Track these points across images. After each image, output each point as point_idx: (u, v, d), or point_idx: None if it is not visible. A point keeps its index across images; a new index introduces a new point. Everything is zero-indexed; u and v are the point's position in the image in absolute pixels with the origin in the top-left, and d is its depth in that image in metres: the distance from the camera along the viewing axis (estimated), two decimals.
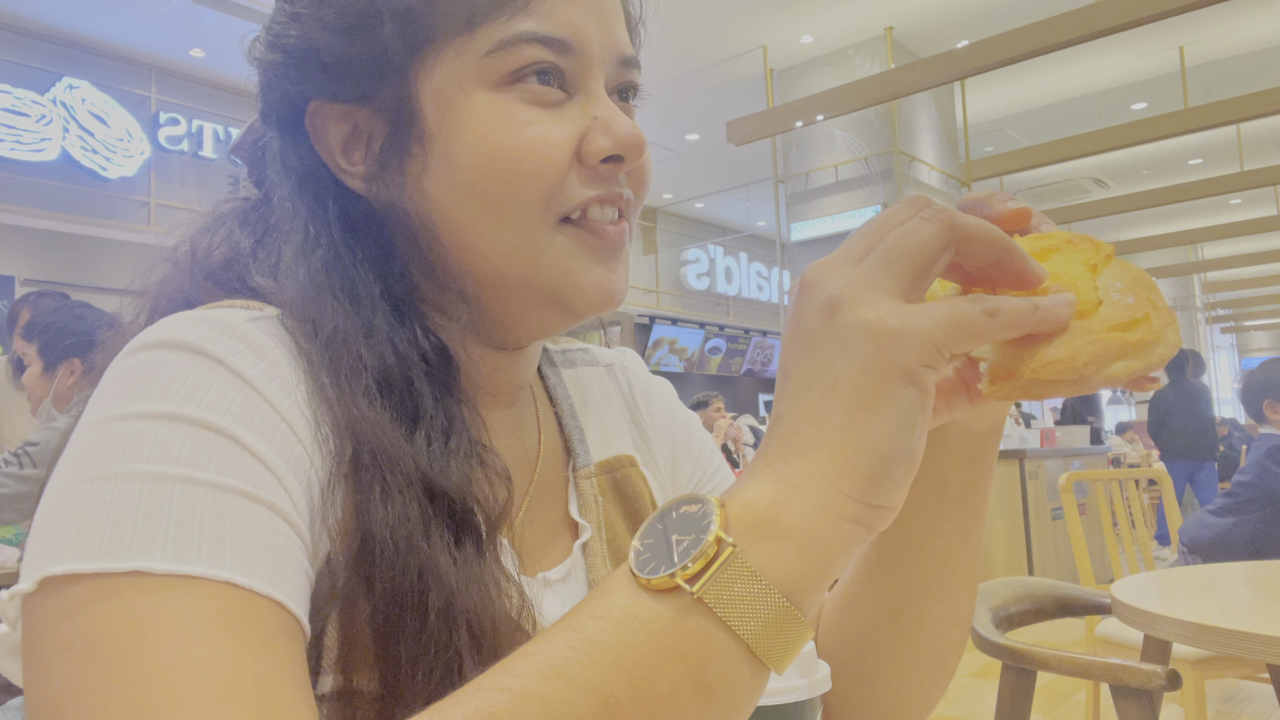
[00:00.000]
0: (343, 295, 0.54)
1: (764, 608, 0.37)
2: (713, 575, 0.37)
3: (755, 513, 0.39)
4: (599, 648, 0.37)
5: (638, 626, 0.37)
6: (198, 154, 7.96)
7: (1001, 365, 0.43)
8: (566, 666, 0.37)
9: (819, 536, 0.39)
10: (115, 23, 7.21)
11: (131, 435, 0.43)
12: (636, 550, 0.40)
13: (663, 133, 9.61)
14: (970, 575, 0.61)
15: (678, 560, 0.38)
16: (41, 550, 0.40)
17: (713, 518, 0.38)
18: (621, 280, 0.58)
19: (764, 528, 0.38)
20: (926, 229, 0.40)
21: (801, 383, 0.41)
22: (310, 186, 0.58)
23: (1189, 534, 3.18)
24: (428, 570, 0.48)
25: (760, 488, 0.39)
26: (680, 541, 0.39)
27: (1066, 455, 6.52)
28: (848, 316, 0.40)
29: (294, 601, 0.42)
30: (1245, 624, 1.37)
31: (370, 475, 0.48)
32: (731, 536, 0.38)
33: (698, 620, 0.37)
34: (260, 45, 0.59)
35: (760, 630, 0.37)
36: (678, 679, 0.37)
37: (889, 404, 0.39)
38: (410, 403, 0.53)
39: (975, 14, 7.73)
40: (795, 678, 0.45)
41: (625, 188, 0.58)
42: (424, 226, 0.55)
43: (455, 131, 0.54)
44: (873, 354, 0.39)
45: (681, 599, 0.37)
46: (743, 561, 0.38)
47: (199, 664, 0.37)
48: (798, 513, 0.38)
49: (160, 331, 0.47)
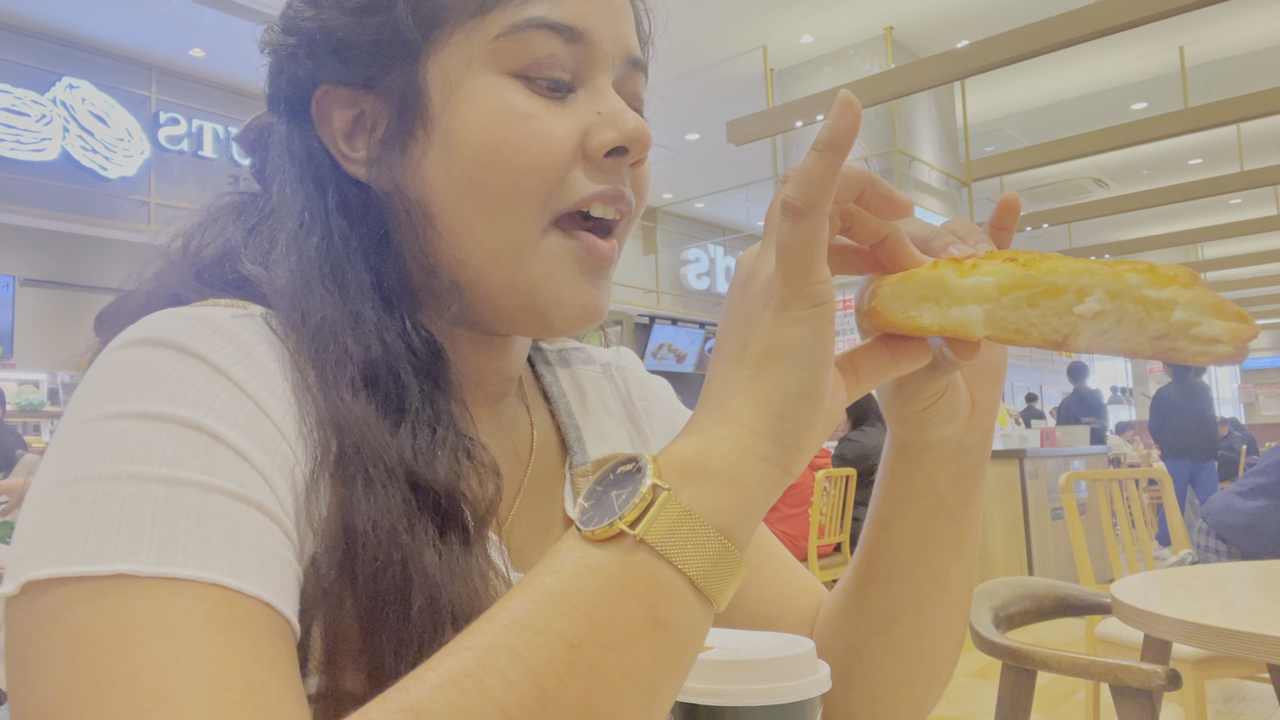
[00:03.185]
0: (332, 285, 0.54)
1: (701, 543, 0.41)
2: (651, 518, 0.41)
3: (684, 460, 0.43)
4: (557, 598, 0.40)
5: (590, 574, 0.41)
6: (198, 154, 7.95)
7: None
8: (530, 618, 0.39)
9: (740, 475, 0.43)
10: (115, 22, 7.20)
11: (114, 435, 0.42)
12: (581, 509, 0.44)
13: (663, 132, 9.60)
14: (963, 590, 0.61)
15: (618, 510, 0.41)
16: (24, 553, 0.40)
17: (647, 470, 0.42)
18: (604, 299, 0.58)
19: (692, 472, 0.42)
20: (778, 197, 0.44)
21: (723, 351, 0.46)
22: (311, 172, 0.58)
23: (1216, 518, 3.03)
24: (411, 563, 0.48)
25: (687, 440, 0.44)
26: (619, 495, 0.42)
27: (1066, 455, 6.52)
28: (753, 285, 0.45)
29: (283, 601, 0.42)
30: (1245, 624, 1.37)
31: (353, 468, 0.48)
32: (665, 483, 0.42)
33: (643, 560, 0.41)
34: (274, 30, 0.59)
35: (700, 564, 0.41)
36: (631, 615, 0.40)
37: (787, 350, 0.43)
38: (396, 395, 0.52)
39: (975, 14, 7.73)
40: (795, 677, 0.45)
41: (628, 186, 0.57)
42: (421, 212, 0.55)
43: (458, 115, 0.53)
44: (763, 307, 0.44)
45: (626, 543, 0.41)
46: (677, 503, 0.41)
47: (190, 665, 0.37)
48: (719, 456, 0.43)
49: (142, 329, 0.47)
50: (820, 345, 0.43)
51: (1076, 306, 0.44)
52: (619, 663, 0.40)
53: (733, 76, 8.75)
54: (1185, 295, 0.42)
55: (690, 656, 0.43)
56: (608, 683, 0.39)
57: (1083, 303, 0.44)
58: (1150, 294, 0.42)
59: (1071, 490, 2.99)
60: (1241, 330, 0.41)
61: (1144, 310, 0.43)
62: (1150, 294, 0.42)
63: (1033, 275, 0.44)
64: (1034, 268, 0.44)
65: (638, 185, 0.59)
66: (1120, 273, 0.43)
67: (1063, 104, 9.83)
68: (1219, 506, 3.07)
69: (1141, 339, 0.43)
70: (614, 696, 0.39)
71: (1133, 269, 0.43)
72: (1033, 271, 0.44)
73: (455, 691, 0.37)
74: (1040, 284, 0.44)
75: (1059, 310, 0.44)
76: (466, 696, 0.37)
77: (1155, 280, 0.42)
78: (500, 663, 0.38)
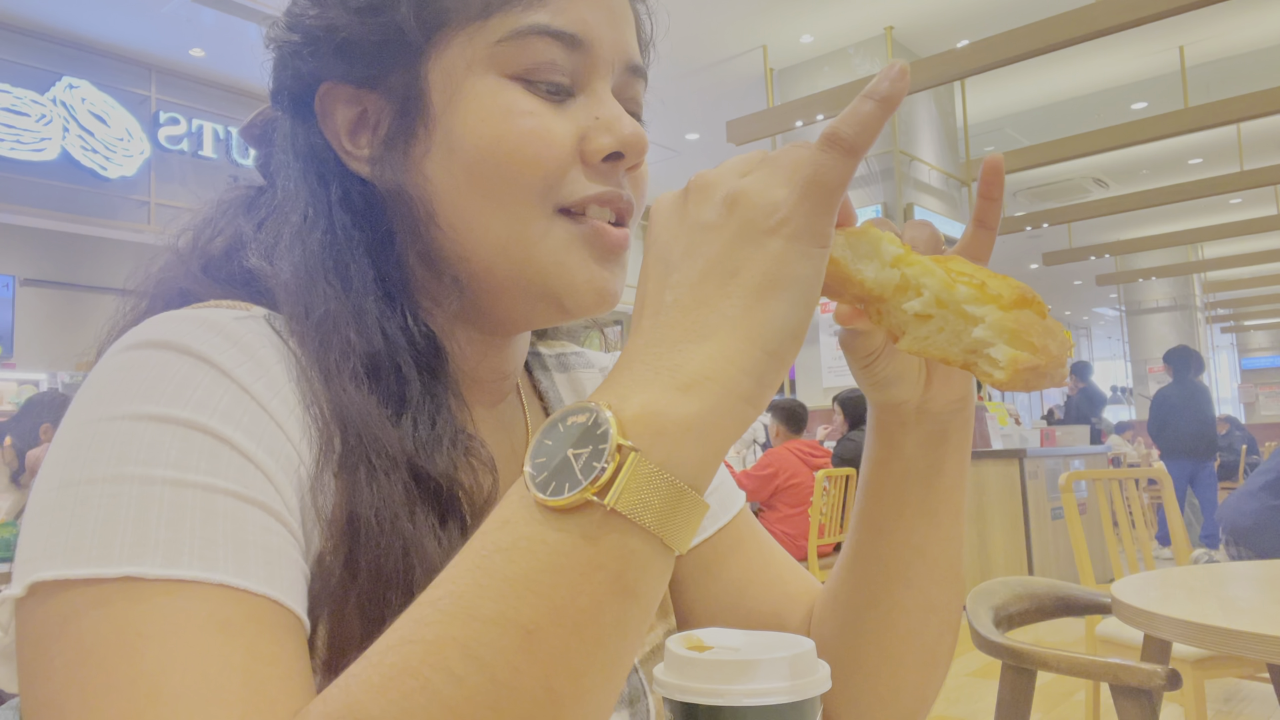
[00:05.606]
0: (335, 279, 0.54)
1: (673, 500, 0.38)
2: (621, 483, 0.37)
3: (653, 411, 0.39)
4: (509, 581, 0.37)
5: (548, 550, 0.37)
6: (198, 153, 7.94)
7: None
8: (479, 605, 0.37)
9: (719, 421, 0.40)
10: (115, 22, 7.20)
11: (118, 437, 0.42)
12: (530, 473, 0.39)
13: (663, 132, 9.59)
14: (944, 561, 0.60)
15: (582, 476, 0.37)
16: (31, 554, 0.40)
17: (608, 425, 0.38)
18: (617, 282, 0.58)
19: (664, 426, 0.39)
20: (815, 143, 0.42)
21: (694, 272, 0.42)
22: (314, 168, 0.58)
23: (1229, 521, 3.00)
24: (413, 549, 0.48)
25: (653, 386, 0.40)
26: (579, 455, 0.38)
27: (1066, 455, 6.52)
28: (748, 207, 0.42)
29: (291, 598, 0.42)
30: (1245, 623, 1.37)
31: (356, 457, 0.48)
32: (631, 440, 0.38)
33: (612, 529, 0.37)
34: (279, 26, 0.60)
35: (671, 522, 0.38)
36: (597, 590, 0.37)
37: (791, 283, 0.41)
38: (397, 388, 0.53)
39: (975, 13, 7.72)
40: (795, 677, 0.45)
41: (626, 189, 0.58)
42: (423, 209, 0.56)
43: (458, 115, 0.54)
44: (767, 234, 0.41)
45: (593, 513, 0.37)
46: (649, 464, 0.38)
47: (184, 669, 0.37)
48: (698, 403, 0.39)
49: (146, 331, 0.47)
50: (819, 285, 0.43)
51: (904, 303, 0.46)
52: (581, 641, 0.37)
53: (733, 76, 8.75)
54: (995, 316, 0.43)
55: (653, 610, 0.41)
56: (569, 664, 0.37)
57: (909, 301, 0.46)
58: (969, 309, 0.44)
59: (1071, 490, 2.99)
60: (1019, 359, 0.42)
61: (962, 323, 0.45)
62: (969, 309, 0.44)
63: (903, 264, 0.46)
64: (912, 263, 0.46)
65: (635, 187, 0.59)
66: (953, 283, 0.45)
67: (1063, 104, 9.82)
68: (1231, 511, 3.05)
69: (956, 350, 0.45)
70: (576, 676, 0.37)
71: (968, 282, 0.45)
72: (908, 265, 0.46)
73: (398, 694, 0.36)
74: (901, 276, 0.46)
75: (896, 305, 0.47)
76: (410, 698, 0.36)
77: (979, 297, 0.44)
78: (447, 658, 0.36)
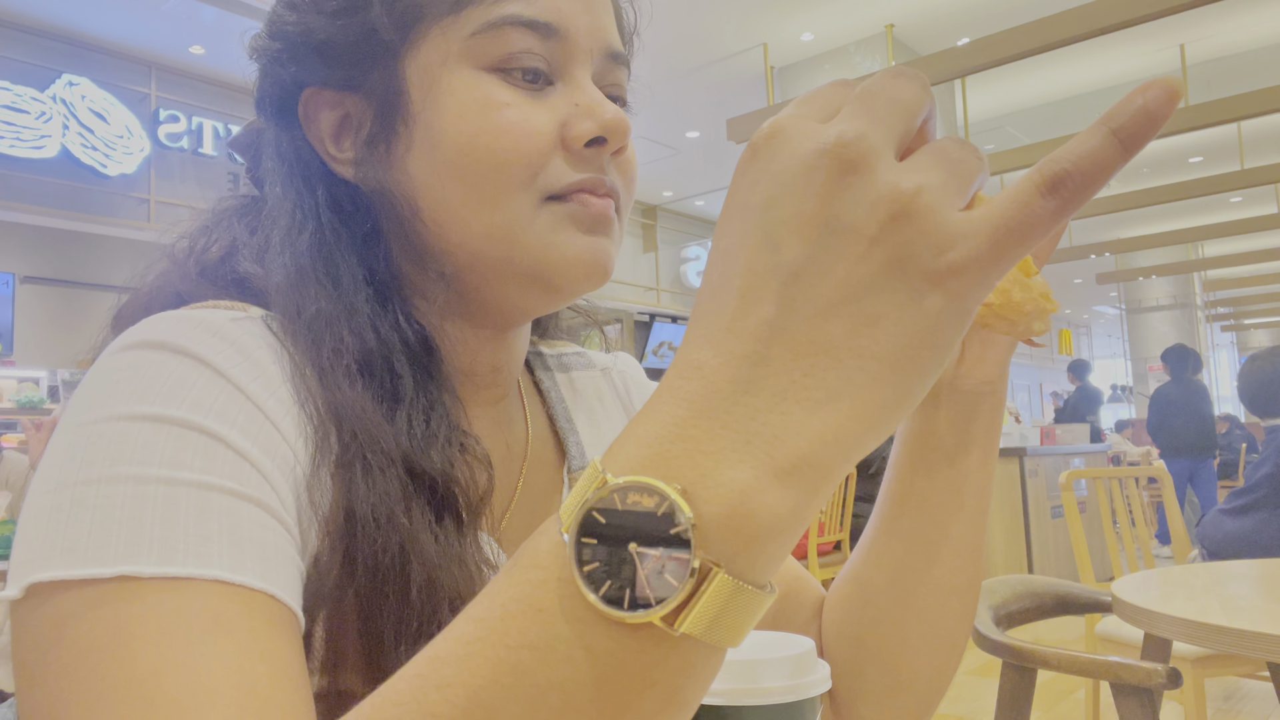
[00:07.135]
0: (325, 278, 0.54)
1: (750, 614, 0.31)
2: (699, 607, 0.30)
3: (744, 512, 0.30)
4: (539, 689, 0.30)
5: (592, 662, 0.30)
6: (198, 151, 7.95)
7: None
8: (499, 709, 0.31)
9: (807, 517, 0.31)
10: (115, 20, 7.19)
11: (113, 438, 0.42)
12: (575, 556, 0.31)
13: (662, 130, 9.59)
14: (967, 546, 0.59)
15: (651, 592, 0.30)
16: (27, 556, 0.40)
17: (686, 529, 0.30)
18: (606, 254, 0.56)
19: (755, 532, 0.30)
20: (1027, 181, 0.31)
21: (819, 297, 0.31)
22: (300, 173, 0.58)
23: (1212, 541, 3.03)
24: (409, 545, 0.48)
25: (745, 464, 0.30)
26: (645, 557, 0.30)
27: (1066, 453, 6.52)
28: (916, 232, 0.30)
29: (286, 593, 0.42)
30: (1245, 622, 1.37)
31: (352, 454, 0.48)
32: (714, 554, 0.30)
33: (676, 650, 0.31)
34: (261, 35, 0.60)
35: (741, 634, 0.32)
36: (645, 707, 0.31)
37: (938, 349, 0.31)
38: (391, 385, 0.53)
39: (976, 11, 7.72)
40: (795, 677, 0.45)
41: (611, 175, 0.57)
42: (407, 207, 0.56)
43: (437, 110, 0.54)
44: (934, 288, 0.30)
45: (656, 633, 0.30)
46: (730, 580, 0.30)
47: (176, 669, 0.37)
48: (794, 497, 0.30)
49: (142, 332, 0.47)
50: (956, 351, 0.36)
51: None
52: None
53: (733, 74, 8.74)
54: None
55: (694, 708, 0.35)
56: None
57: None
58: None
59: (1071, 488, 3.00)
60: (1041, 330, 0.43)
61: None
62: None
63: None
64: None
65: (623, 172, 0.59)
66: None
67: (1063, 102, 9.82)
68: (1210, 528, 3.07)
69: None
70: None
71: None
72: None
73: None
74: None
75: None
76: None
77: None
78: None
